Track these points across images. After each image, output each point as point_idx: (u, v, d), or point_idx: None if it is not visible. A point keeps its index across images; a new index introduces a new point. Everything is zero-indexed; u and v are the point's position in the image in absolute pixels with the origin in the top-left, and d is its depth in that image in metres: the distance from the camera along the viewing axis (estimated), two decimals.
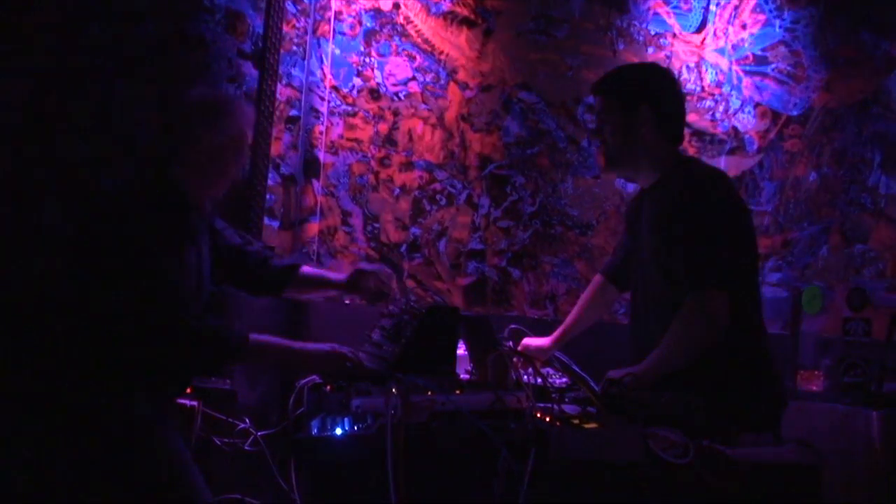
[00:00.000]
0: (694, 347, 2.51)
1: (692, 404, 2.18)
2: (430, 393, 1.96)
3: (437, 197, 3.98)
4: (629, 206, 3.08)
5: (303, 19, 3.85)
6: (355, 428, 1.94)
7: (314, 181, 3.81)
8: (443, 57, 4.02)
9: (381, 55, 3.94)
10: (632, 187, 4.19)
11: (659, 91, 2.76)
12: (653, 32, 4.28)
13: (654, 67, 3.23)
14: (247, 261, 2.88)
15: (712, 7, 4.36)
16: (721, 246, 2.55)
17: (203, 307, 2.60)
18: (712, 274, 2.51)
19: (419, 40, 4.00)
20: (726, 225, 2.60)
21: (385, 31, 3.95)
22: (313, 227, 3.79)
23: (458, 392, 2.04)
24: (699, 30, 4.34)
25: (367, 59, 3.93)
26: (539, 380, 2.27)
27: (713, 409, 2.40)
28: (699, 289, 2.51)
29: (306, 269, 3.03)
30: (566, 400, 2.26)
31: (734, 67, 4.34)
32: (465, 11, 4.06)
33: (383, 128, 3.92)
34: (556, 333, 3.07)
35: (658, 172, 2.73)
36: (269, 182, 3.72)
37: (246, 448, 3.21)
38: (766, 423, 2.50)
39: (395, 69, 3.96)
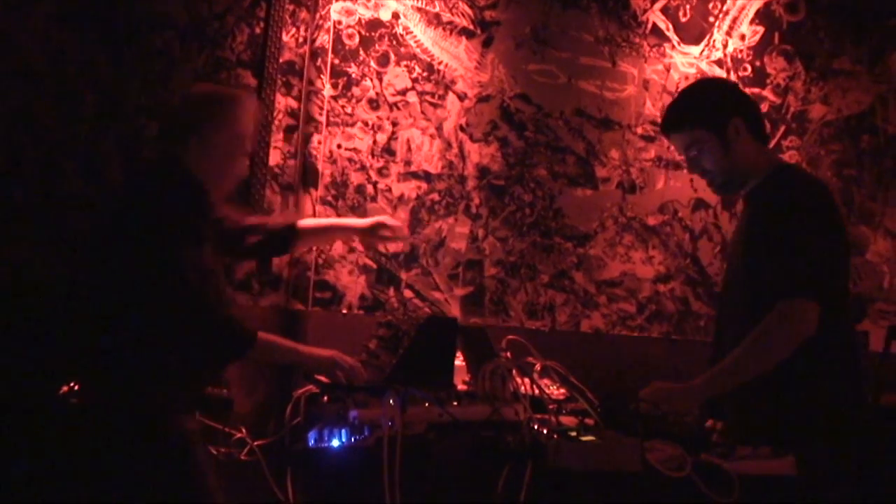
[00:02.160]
0: (774, 357, 2.39)
1: (688, 418, 2.18)
2: (427, 404, 1.95)
3: (435, 207, 3.98)
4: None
5: (302, 28, 3.86)
6: (352, 439, 1.94)
7: (312, 191, 3.80)
8: (441, 67, 4.02)
9: (379, 65, 3.95)
10: (631, 198, 4.20)
11: (739, 99, 2.72)
12: (651, 44, 4.28)
13: (716, 81, 3.23)
14: (246, 234, 2.97)
15: (711, 19, 4.37)
16: (814, 255, 2.44)
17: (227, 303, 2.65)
18: (804, 282, 2.41)
19: (418, 50, 4.00)
20: (821, 235, 2.49)
21: (384, 41, 3.96)
22: None
23: (455, 403, 2.03)
24: (698, 41, 4.35)
25: (366, 69, 3.93)
26: (537, 391, 2.26)
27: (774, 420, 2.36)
28: (789, 297, 2.40)
29: (306, 221, 3.13)
30: (564, 412, 2.25)
31: (733, 79, 4.34)
32: (464, 22, 4.07)
33: (382, 138, 3.92)
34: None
35: (760, 175, 2.65)
36: (267, 191, 3.72)
37: (242, 458, 3.20)
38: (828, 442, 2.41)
39: (394, 79, 3.97)
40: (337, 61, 3.90)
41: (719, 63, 4.34)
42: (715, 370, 2.48)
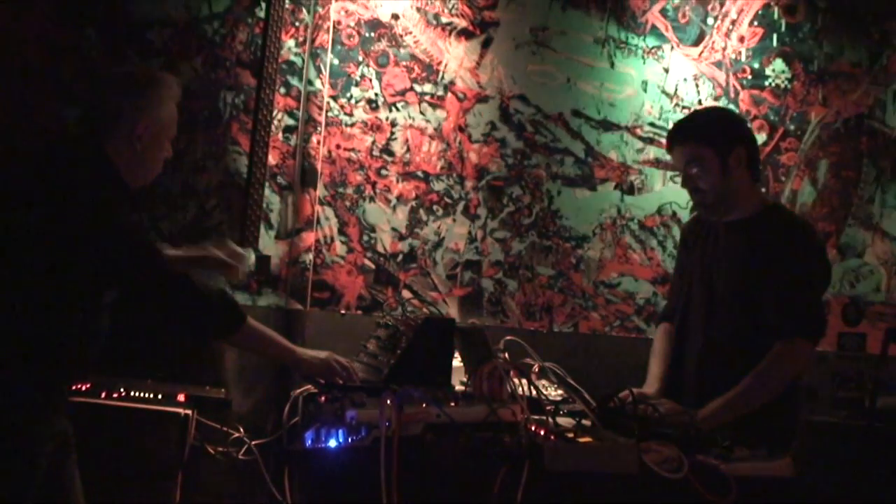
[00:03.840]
0: (774, 393, 2.58)
1: (687, 419, 2.18)
2: (424, 405, 1.95)
3: (434, 207, 3.98)
4: (688, 232, 3.04)
5: (302, 29, 3.86)
6: (349, 440, 1.93)
7: (311, 191, 3.81)
8: (441, 68, 4.03)
9: (379, 66, 3.95)
10: (629, 199, 4.20)
11: (747, 133, 2.84)
12: (650, 45, 4.29)
13: (727, 111, 3.26)
14: None
15: (710, 20, 4.37)
16: (816, 298, 2.65)
17: None
18: (807, 325, 2.60)
19: (417, 51, 4.00)
20: (821, 278, 2.70)
21: (383, 41, 3.96)
22: (310, 237, 3.80)
23: (452, 404, 2.03)
24: (697, 43, 4.35)
25: (366, 70, 3.94)
26: (534, 392, 2.26)
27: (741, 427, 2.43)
28: (791, 337, 2.58)
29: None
30: (561, 413, 2.25)
31: (731, 80, 4.34)
32: (463, 23, 4.07)
33: (381, 138, 3.93)
34: (653, 388, 2.89)
35: (749, 210, 2.76)
36: (266, 191, 3.73)
37: (240, 457, 3.20)
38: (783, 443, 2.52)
39: (393, 79, 3.97)
40: (336, 61, 3.90)
41: (718, 65, 4.34)
42: (720, 404, 2.57)
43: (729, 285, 2.75)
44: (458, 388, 2.60)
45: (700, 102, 4.30)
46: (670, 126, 3.33)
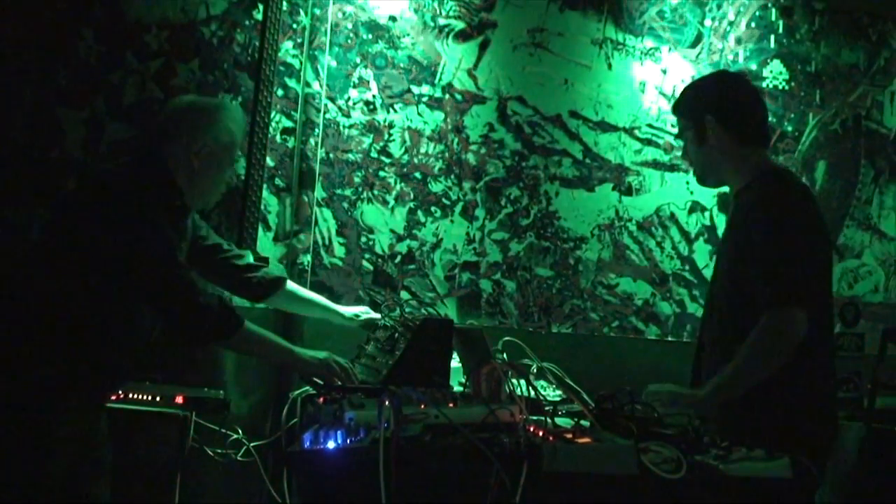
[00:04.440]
0: (771, 366, 2.46)
1: (687, 420, 2.18)
2: (423, 406, 1.95)
3: (432, 209, 3.98)
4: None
5: (299, 31, 3.86)
6: (348, 441, 1.93)
7: (309, 192, 3.81)
8: (438, 69, 4.03)
9: (376, 67, 3.95)
10: (627, 200, 4.20)
11: (718, 98, 2.73)
12: (648, 47, 4.29)
13: (716, 76, 3.10)
14: (230, 262, 2.95)
15: (707, 22, 4.38)
16: (801, 264, 2.49)
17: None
18: (792, 291, 2.46)
19: (415, 53, 4.01)
20: (806, 243, 2.54)
21: (381, 43, 3.96)
22: (308, 239, 3.79)
23: (451, 405, 2.03)
24: (694, 45, 4.35)
25: (363, 72, 3.94)
26: (532, 393, 2.26)
27: (760, 426, 2.41)
28: (779, 306, 2.45)
29: (296, 287, 3.14)
30: (559, 413, 2.25)
31: None
32: (460, 24, 4.07)
33: (378, 139, 3.93)
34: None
35: (747, 176, 2.68)
36: (264, 193, 3.73)
37: (238, 458, 3.21)
38: (812, 446, 2.40)
39: (391, 81, 3.97)
40: (334, 63, 3.90)
41: (715, 66, 4.35)
42: (716, 382, 2.51)
43: (726, 261, 2.70)
44: (457, 388, 2.60)
45: None
46: (668, 128, 3.36)
